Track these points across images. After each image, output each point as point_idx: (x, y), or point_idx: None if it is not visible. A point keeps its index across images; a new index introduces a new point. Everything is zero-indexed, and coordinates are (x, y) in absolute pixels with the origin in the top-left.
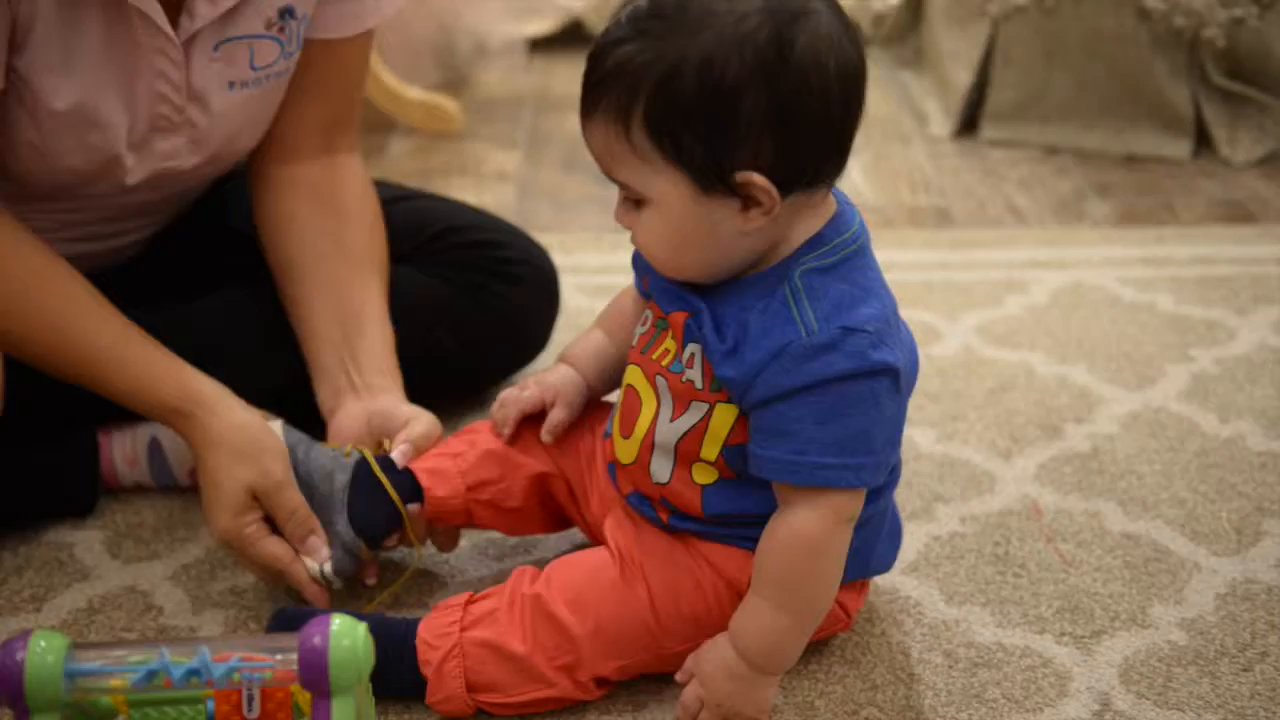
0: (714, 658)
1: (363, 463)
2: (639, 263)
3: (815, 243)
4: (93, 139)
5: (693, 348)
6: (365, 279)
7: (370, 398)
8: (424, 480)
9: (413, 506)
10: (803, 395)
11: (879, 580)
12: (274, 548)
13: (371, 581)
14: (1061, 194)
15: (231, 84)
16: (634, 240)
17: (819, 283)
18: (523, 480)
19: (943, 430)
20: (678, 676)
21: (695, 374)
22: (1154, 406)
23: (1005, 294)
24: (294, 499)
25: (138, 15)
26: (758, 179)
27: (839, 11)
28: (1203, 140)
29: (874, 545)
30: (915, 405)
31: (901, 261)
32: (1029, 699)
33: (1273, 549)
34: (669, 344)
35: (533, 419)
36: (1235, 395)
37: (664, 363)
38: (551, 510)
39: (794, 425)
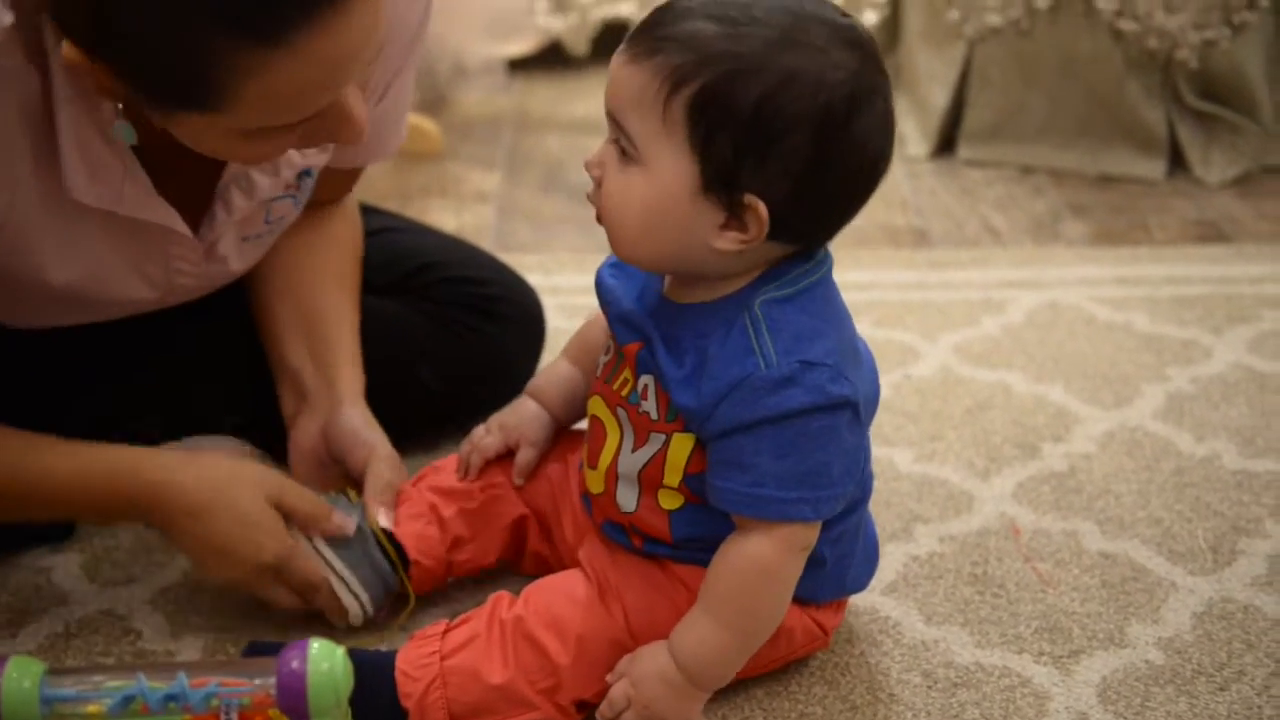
0: (649, 661)
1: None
2: (601, 292)
3: (777, 272)
4: (94, 310)
5: (646, 379)
6: (336, 291)
7: (331, 404)
8: (412, 553)
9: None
10: (761, 428)
11: (858, 601)
12: (309, 560)
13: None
14: (1037, 214)
15: (246, 238)
16: (599, 194)
17: (779, 313)
18: (497, 535)
19: (921, 450)
20: (608, 677)
21: (650, 405)
22: (1130, 426)
23: (982, 314)
24: (301, 488)
25: (155, 226)
26: (762, 208)
27: (891, 107)
28: (1177, 161)
29: (849, 564)
30: (893, 425)
31: (879, 281)
32: (1008, 719)
33: (1248, 568)
34: (627, 374)
35: (501, 456)
36: (1211, 414)
37: (623, 393)
38: (525, 554)
39: (752, 458)
